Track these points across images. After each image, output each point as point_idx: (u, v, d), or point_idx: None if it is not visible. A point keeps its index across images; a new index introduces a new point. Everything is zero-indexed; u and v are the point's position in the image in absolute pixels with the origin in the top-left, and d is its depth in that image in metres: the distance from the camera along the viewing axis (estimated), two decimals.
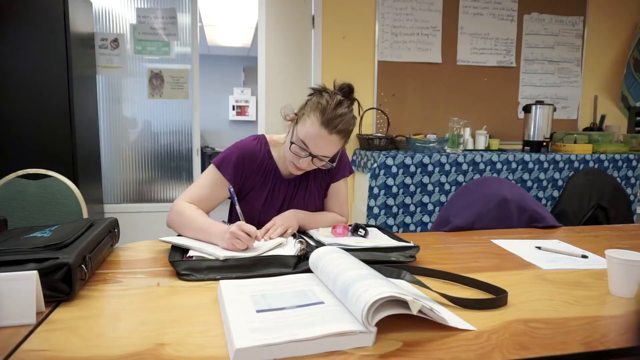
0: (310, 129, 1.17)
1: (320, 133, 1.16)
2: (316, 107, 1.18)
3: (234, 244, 1.02)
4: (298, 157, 1.21)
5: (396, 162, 2.74)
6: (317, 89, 1.24)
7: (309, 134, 1.17)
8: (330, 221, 1.36)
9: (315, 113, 1.17)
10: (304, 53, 3.20)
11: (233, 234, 1.02)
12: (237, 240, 1.02)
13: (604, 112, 3.57)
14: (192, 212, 1.18)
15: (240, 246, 1.02)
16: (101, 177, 3.05)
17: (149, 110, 3.13)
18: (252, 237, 1.03)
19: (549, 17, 3.53)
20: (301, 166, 1.22)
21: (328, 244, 1.07)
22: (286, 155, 1.25)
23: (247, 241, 1.03)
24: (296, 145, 1.19)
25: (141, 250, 1.16)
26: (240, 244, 1.02)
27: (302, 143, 1.19)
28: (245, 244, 1.03)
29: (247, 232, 1.03)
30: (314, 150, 1.19)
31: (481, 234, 1.42)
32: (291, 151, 1.20)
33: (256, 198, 1.31)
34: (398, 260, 1.04)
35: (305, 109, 1.21)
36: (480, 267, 1.08)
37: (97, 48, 2.94)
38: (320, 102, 1.18)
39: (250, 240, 1.03)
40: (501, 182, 1.56)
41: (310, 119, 1.18)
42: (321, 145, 1.18)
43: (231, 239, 1.02)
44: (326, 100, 1.18)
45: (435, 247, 1.26)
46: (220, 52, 6.82)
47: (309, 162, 1.21)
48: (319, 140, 1.17)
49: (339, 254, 0.88)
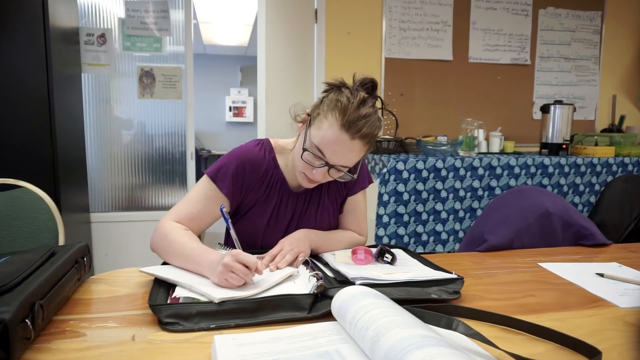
0: (327, 133, 0.96)
1: (339, 138, 0.95)
2: (335, 105, 0.96)
3: (227, 279, 0.81)
4: (311, 167, 0.99)
5: (407, 167, 2.53)
6: (335, 84, 1.02)
7: (326, 139, 0.96)
8: (348, 242, 1.14)
9: (333, 113, 0.96)
10: (307, 50, 2.98)
11: (226, 267, 0.81)
12: (232, 275, 0.81)
13: (622, 112, 3.37)
14: (179, 234, 0.96)
15: (235, 282, 0.81)
16: (87, 183, 2.82)
17: (140, 111, 2.90)
18: (252, 269, 0.82)
19: (565, 12, 3.33)
20: (315, 178, 1.00)
21: (352, 277, 0.85)
22: (296, 164, 1.03)
23: (245, 275, 0.81)
24: (309, 153, 0.98)
25: (118, 283, 0.94)
26: (235, 279, 0.81)
27: (317, 150, 0.97)
28: (242, 279, 0.81)
29: (244, 264, 0.81)
30: (331, 158, 0.97)
31: (524, 255, 1.20)
32: (303, 160, 0.99)
33: (259, 216, 1.10)
34: (440, 298, 0.82)
35: (321, 108, 0.99)
36: (540, 304, 0.87)
37: (82, 44, 2.71)
38: (340, 100, 0.96)
39: (248, 274, 0.81)
40: (541, 193, 1.35)
41: (328, 121, 0.96)
42: (340, 152, 0.96)
43: (224, 273, 0.81)
44: (347, 98, 0.96)
45: (474, 274, 1.04)
46: (217, 51, 6.61)
47: (324, 173, 1.00)
48: (338, 146, 0.96)
49: (371, 300, 0.66)
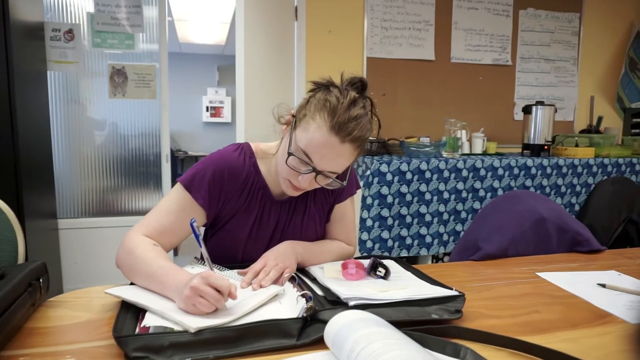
0: (315, 136, 0.87)
1: (328, 141, 0.87)
2: (323, 106, 0.88)
3: (194, 304, 0.70)
4: (297, 174, 0.91)
5: (391, 169, 2.47)
6: (322, 83, 0.93)
7: (314, 143, 0.87)
8: (336, 254, 1.06)
9: (322, 114, 0.87)
10: (287, 48, 2.89)
11: (194, 290, 0.70)
12: (200, 300, 0.69)
13: (599, 113, 3.40)
14: (146, 250, 0.86)
15: (204, 308, 0.70)
16: (54, 187, 2.65)
17: (111, 111, 2.75)
18: (224, 294, 0.71)
19: (545, 13, 3.34)
20: (300, 185, 0.92)
21: (345, 298, 0.76)
22: (280, 171, 0.95)
23: (216, 301, 0.70)
24: (295, 157, 0.89)
25: (80, 306, 0.83)
26: (204, 305, 0.70)
27: (304, 154, 0.89)
28: (212, 306, 0.70)
29: (215, 288, 0.70)
30: (319, 164, 0.89)
31: (520, 264, 1.15)
32: (288, 165, 0.90)
33: (239, 227, 1.00)
34: (441, 318, 0.75)
35: (307, 108, 0.91)
36: (546, 321, 0.80)
37: (47, 40, 2.55)
38: (328, 100, 0.88)
39: (219, 300, 0.70)
40: (535, 198, 1.30)
41: (316, 122, 0.88)
42: (329, 157, 0.88)
43: (191, 297, 0.70)
44: (336, 98, 0.88)
45: (472, 287, 0.97)
46: (193, 50, 6.43)
47: (311, 179, 0.91)
48: (327, 150, 0.87)
49: (372, 329, 0.58)
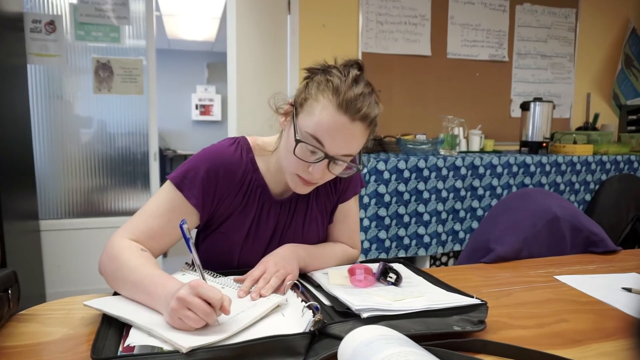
0: (322, 117, 0.79)
1: (338, 121, 0.79)
2: (326, 86, 0.80)
3: (181, 317, 0.60)
4: (306, 165, 0.82)
5: (388, 167, 2.39)
6: (318, 68, 0.85)
7: (323, 125, 0.79)
8: (340, 258, 0.97)
9: (325, 94, 0.80)
10: (279, 43, 2.79)
11: (181, 302, 0.60)
12: (188, 314, 0.60)
13: (595, 110, 3.36)
14: (132, 256, 0.76)
15: (192, 323, 0.60)
16: (35, 187, 2.53)
17: (96, 108, 2.63)
18: (215, 308, 0.61)
19: (542, 8, 3.29)
20: (313, 177, 0.82)
21: (357, 309, 0.68)
22: (286, 166, 0.85)
23: (206, 315, 0.60)
24: (304, 145, 0.80)
25: (54, 320, 0.73)
26: (192, 319, 0.60)
27: (313, 139, 0.80)
28: (201, 320, 0.61)
29: (206, 300, 0.61)
30: (330, 147, 0.80)
31: (536, 266, 1.07)
32: (296, 155, 0.81)
33: (235, 229, 0.91)
34: (464, 330, 0.67)
35: (307, 92, 0.82)
36: (577, 331, 0.73)
37: (27, 32, 2.42)
38: (330, 80, 0.80)
39: (210, 314, 0.60)
40: (548, 196, 1.23)
41: (321, 104, 0.80)
42: (341, 138, 0.80)
43: (178, 310, 0.60)
44: (338, 77, 0.81)
45: (489, 293, 0.90)
46: (182, 46, 6.30)
47: (323, 168, 0.82)
48: (338, 131, 0.79)
49: (395, 349, 0.50)
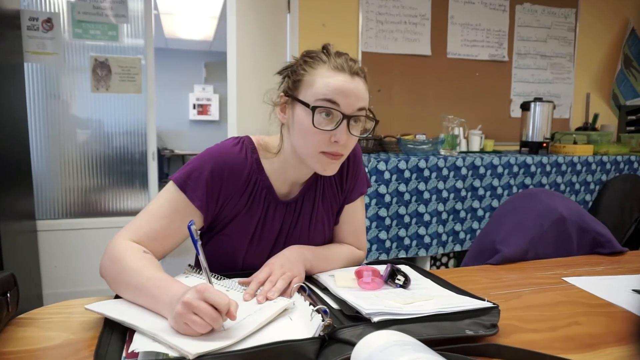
0: (326, 81, 0.80)
1: (341, 78, 0.80)
2: (314, 60, 0.83)
3: (187, 323, 0.58)
4: (328, 135, 0.81)
5: (389, 167, 2.38)
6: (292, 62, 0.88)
7: (330, 86, 0.79)
8: (347, 259, 0.96)
9: (316, 65, 0.83)
10: (279, 42, 2.77)
11: (187, 306, 0.58)
12: (194, 318, 0.58)
13: (594, 110, 3.36)
14: (135, 258, 0.74)
15: (198, 328, 0.58)
16: (32, 187, 2.50)
17: (94, 107, 2.61)
18: (222, 312, 0.59)
19: (541, 8, 3.28)
20: (338, 144, 0.81)
21: (367, 313, 0.66)
22: (308, 147, 0.82)
23: (212, 320, 0.58)
24: (320, 110, 0.80)
25: (54, 324, 0.71)
26: (198, 324, 0.58)
27: (327, 102, 0.79)
28: (207, 325, 0.58)
29: (212, 304, 0.59)
30: (345, 105, 0.80)
31: (544, 268, 1.06)
32: (316, 127, 0.80)
33: (240, 231, 0.89)
34: (477, 334, 0.66)
35: (297, 73, 0.84)
36: (590, 335, 0.71)
37: (24, 29, 2.39)
38: (314, 56, 0.84)
39: (217, 319, 0.58)
40: (554, 196, 1.22)
41: (318, 72, 0.82)
42: (350, 93, 0.80)
43: (184, 315, 0.58)
44: (321, 52, 0.84)
45: (497, 295, 0.88)
46: (180, 45, 6.27)
47: (345, 130, 0.81)
48: (345, 87, 0.79)
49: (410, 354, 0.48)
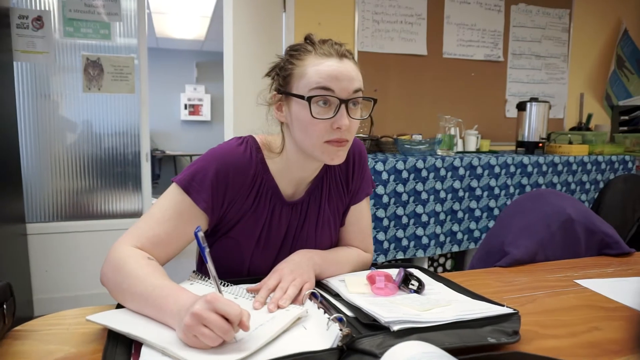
0: (316, 69, 0.79)
1: (330, 64, 0.79)
2: (300, 53, 0.82)
3: (197, 335, 0.55)
4: (328, 123, 0.79)
5: (387, 168, 2.36)
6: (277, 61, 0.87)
7: (321, 73, 0.78)
8: (355, 263, 0.93)
9: (305, 55, 0.81)
10: (275, 41, 2.74)
11: (197, 318, 0.55)
12: (204, 331, 0.55)
13: (588, 111, 3.38)
14: (139, 265, 0.71)
15: (208, 341, 0.55)
16: (22, 189, 2.43)
17: (85, 107, 2.55)
18: (234, 324, 0.56)
19: (536, 8, 3.29)
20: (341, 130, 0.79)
21: (386, 321, 0.63)
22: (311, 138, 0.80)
23: (224, 333, 0.55)
24: (317, 100, 0.78)
25: (54, 337, 0.67)
26: (208, 337, 0.55)
27: (321, 89, 0.78)
28: (218, 338, 0.55)
29: (223, 315, 0.56)
30: (340, 89, 0.79)
31: (554, 270, 1.04)
32: (315, 117, 0.78)
33: (246, 233, 0.86)
34: (499, 342, 0.63)
35: (285, 68, 0.83)
36: (612, 341, 0.69)
37: (13, 27, 2.33)
38: (299, 49, 0.83)
39: (228, 331, 0.55)
40: (561, 197, 1.20)
41: (306, 62, 0.80)
42: (342, 77, 0.79)
43: (193, 327, 0.55)
44: (305, 43, 0.84)
45: (512, 299, 0.86)
46: (171, 45, 6.19)
47: (345, 116, 0.79)
48: (337, 72, 0.79)
49: None
